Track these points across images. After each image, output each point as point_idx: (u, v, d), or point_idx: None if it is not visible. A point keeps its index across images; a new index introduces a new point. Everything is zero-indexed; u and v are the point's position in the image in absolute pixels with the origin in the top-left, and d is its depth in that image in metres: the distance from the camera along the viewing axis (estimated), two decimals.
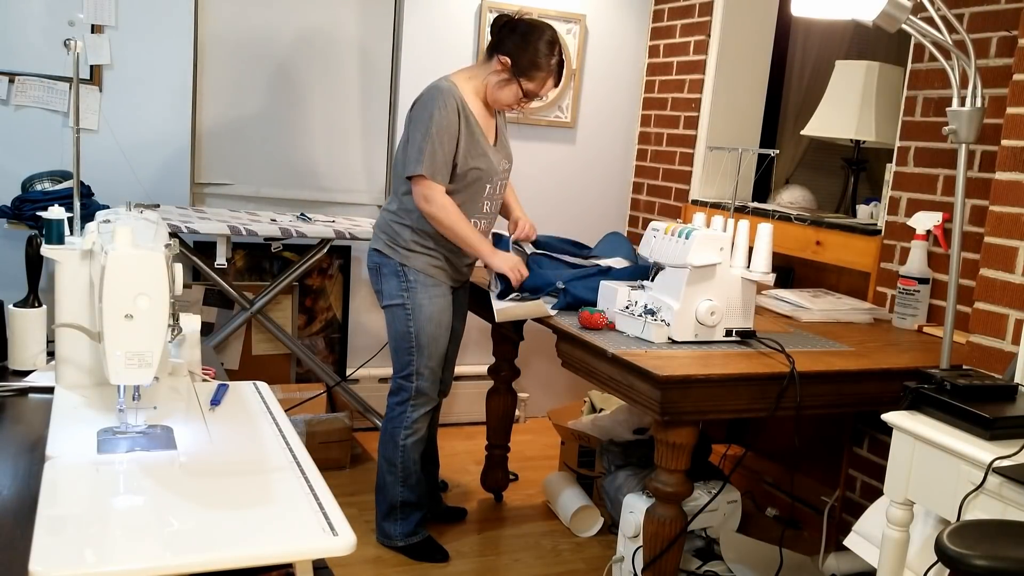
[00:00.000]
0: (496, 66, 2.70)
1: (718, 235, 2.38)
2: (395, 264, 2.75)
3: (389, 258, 2.76)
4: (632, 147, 4.37)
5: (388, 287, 2.78)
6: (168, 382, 1.64)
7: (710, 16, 3.86)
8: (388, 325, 2.82)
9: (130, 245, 1.37)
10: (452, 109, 2.62)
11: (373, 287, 2.87)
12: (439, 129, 2.60)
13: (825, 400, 2.35)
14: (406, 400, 2.81)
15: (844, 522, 3.01)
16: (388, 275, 2.77)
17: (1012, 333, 2.17)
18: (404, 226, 2.75)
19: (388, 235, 2.78)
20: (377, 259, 2.80)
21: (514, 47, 2.68)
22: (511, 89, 2.71)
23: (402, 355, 2.79)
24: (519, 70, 2.68)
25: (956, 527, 1.43)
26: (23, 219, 3.06)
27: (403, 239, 2.75)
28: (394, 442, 2.83)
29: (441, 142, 2.61)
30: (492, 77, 2.71)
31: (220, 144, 3.67)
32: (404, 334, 2.77)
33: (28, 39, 3.28)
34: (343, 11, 3.79)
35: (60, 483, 1.24)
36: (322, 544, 1.14)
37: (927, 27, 2.26)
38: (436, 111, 2.61)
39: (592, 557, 3.02)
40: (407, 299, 2.75)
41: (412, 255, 2.75)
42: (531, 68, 2.68)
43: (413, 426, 2.82)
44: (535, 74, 2.69)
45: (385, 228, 2.79)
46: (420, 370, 2.78)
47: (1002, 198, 2.20)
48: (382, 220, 2.82)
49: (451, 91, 2.65)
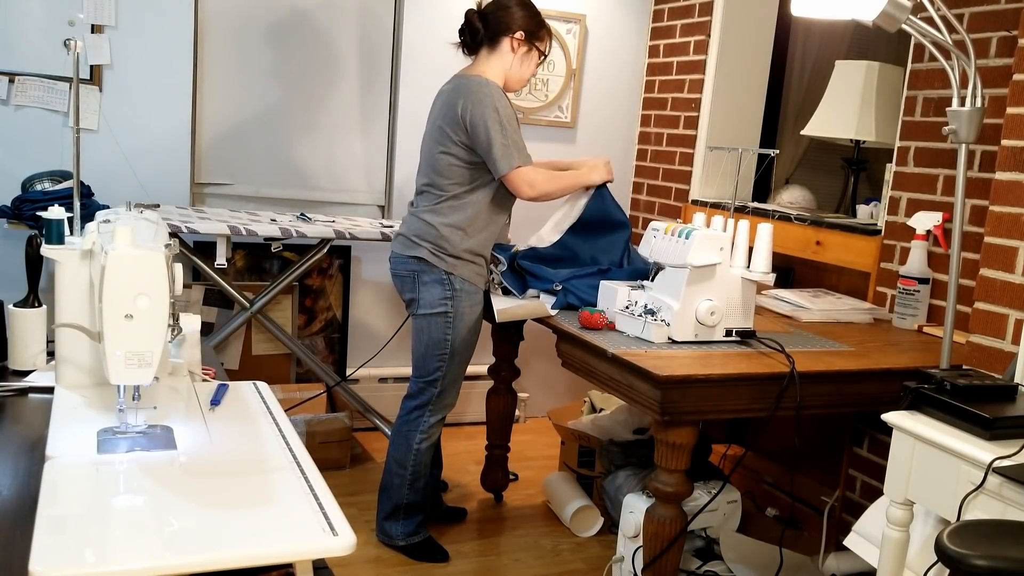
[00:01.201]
0: (512, 46, 2.76)
1: (718, 235, 2.38)
2: (440, 272, 2.71)
3: (433, 266, 2.71)
4: (632, 147, 4.37)
5: (429, 295, 2.72)
6: (168, 382, 1.64)
7: (710, 16, 3.86)
8: (420, 331, 2.76)
9: (130, 245, 1.37)
10: (505, 97, 2.71)
11: (403, 294, 2.81)
12: (508, 118, 2.66)
13: (825, 400, 2.35)
14: (425, 404, 2.81)
15: (844, 522, 3.01)
16: (430, 283, 2.72)
17: (1012, 333, 2.17)
18: (457, 232, 2.70)
19: (432, 243, 2.71)
20: (415, 267, 2.73)
21: (518, 18, 2.75)
22: (532, 58, 2.81)
23: (432, 361, 2.76)
24: (532, 36, 2.77)
25: (956, 527, 1.43)
26: (23, 219, 3.06)
27: (453, 247, 2.70)
28: (407, 445, 2.82)
29: (515, 129, 2.69)
30: (508, 58, 2.77)
31: (220, 144, 3.67)
32: (440, 342, 2.74)
33: (28, 39, 3.28)
34: (343, 11, 3.79)
35: (60, 483, 1.24)
36: (322, 544, 1.14)
37: (927, 27, 2.26)
38: (497, 103, 2.65)
39: (592, 557, 3.02)
40: (450, 307, 2.72)
41: (460, 263, 2.72)
42: (539, 28, 2.79)
43: (429, 431, 2.82)
44: (542, 32, 2.81)
45: (428, 236, 2.71)
46: (447, 377, 2.78)
47: (1002, 198, 2.20)
48: (422, 226, 2.73)
49: (495, 84, 2.71)
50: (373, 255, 3.93)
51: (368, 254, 3.93)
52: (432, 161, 2.74)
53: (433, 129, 2.76)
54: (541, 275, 2.83)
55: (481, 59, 2.80)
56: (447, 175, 2.71)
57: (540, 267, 2.85)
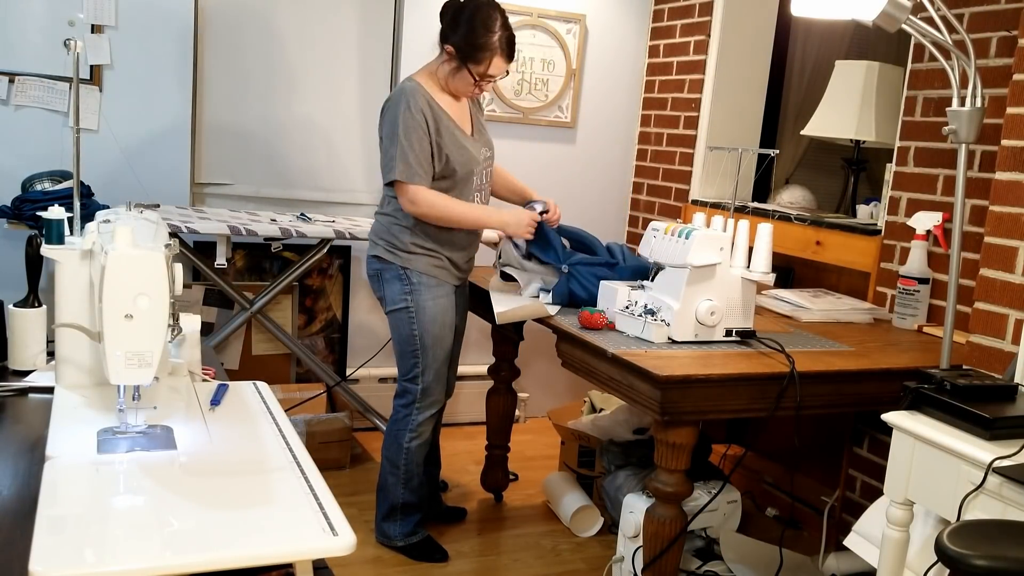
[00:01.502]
0: (444, 56, 2.68)
1: (718, 235, 2.38)
2: (397, 268, 2.74)
3: (390, 263, 2.75)
4: (632, 147, 4.37)
5: (391, 292, 2.77)
6: (168, 382, 1.64)
7: (710, 16, 3.86)
8: (392, 330, 2.80)
9: (130, 245, 1.37)
10: (417, 108, 2.60)
11: (375, 294, 2.86)
12: (407, 130, 2.58)
13: (825, 400, 2.35)
14: (411, 403, 2.81)
15: (844, 522, 3.01)
16: (390, 280, 2.76)
17: (1012, 333, 2.17)
18: (403, 228, 2.74)
19: (387, 240, 2.76)
20: (377, 265, 2.79)
21: (453, 33, 2.63)
22: (463, 76, 2.66)
23: (407, 358, 2.78)
24: (464, 55, 2.62)
25: (956, 527, 1.43)
26: (23, 219, 3.06)
27: (402, 242, 2.74)
28: (398, 444, 2.83)
29: (411, 142, 2.58)
30: (443, 68, 2.68)
31: (220, 144, 3.67)
32: (408, 337, 2.76)
33: (28, 39, 3.28)
34: (343, 11, 3.79)
35: (60, 483, 1.24)
36: (322, 544, 1.14)
37: (927, 27, 2.26)
38: (401, 113, 2.59)
39: (592, 557, 3.02)
40: (410, 302, 2.74)
41: (413, 257, 2.74)
42: (475, 51, 2.61)
43: (418, 429, 2.82)
44: (481, 56, 2.62)
45: (383, 233, 2.77)
46: (425, 371, 2.78)
47: (1002, 198, 2.20)
48: (379, 226, 2.80)
49: (415, 90, 2.63)
50: None
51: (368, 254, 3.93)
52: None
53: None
54: (555, 247, 2.78)
55: (435, 57, 2.75)
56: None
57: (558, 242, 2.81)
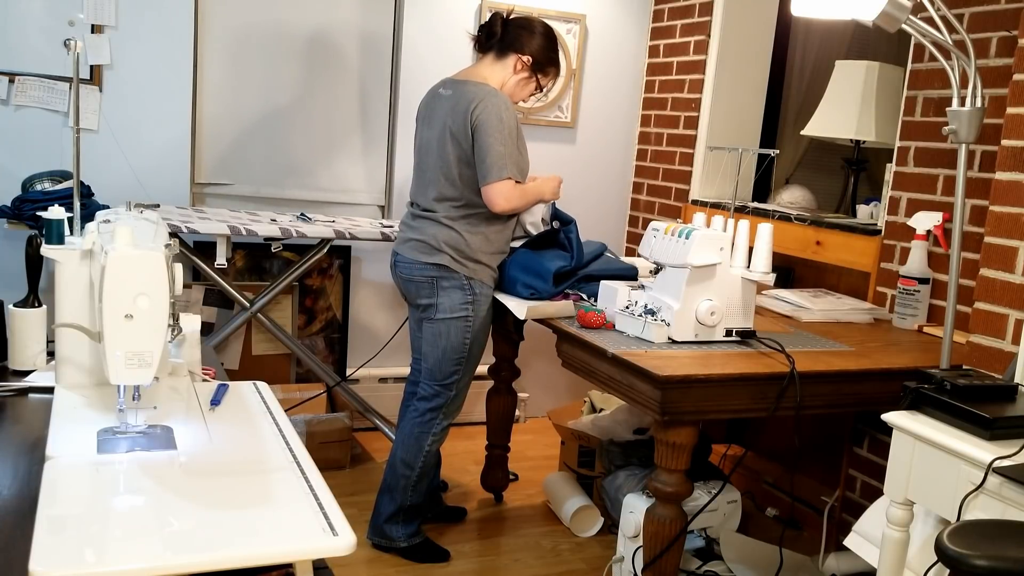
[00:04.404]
0: (516, 66, 2.78)
1: (718, 235, 2.38)
2: (461, 278, 2.72)
3: (454, 272, 2.71)
4: (632, 147, 4.37)
5: (449, 300, 2.73)
6: (168, 382, 1.64)
7: (710, 16, 3.86)
8: (438, 335, 2.76)
9: (130, 245, 1.37)
10: (511, 113, 2.70)
11: (419, 299, 2.78)
12: (511, 131, 2.67)
13: (825, 400, 2.35)
14: (440, 408, 2.82)
15: (844, 522, 3.01)
16: (451, 288, 2.73)
17: (1012, 333, 2.17)
18: (481, 236, 2.73)
19: (455, 248, 2.71)
20: (435, 272, 2.72)
21: (535, 44, 2.78)
22: (530, 86, 2.85)
23: (449, 365, 2.78)
24: (539, 67, 2.82)
25: (956, 527, 1.43)
26: (23, 219, 3.06)
27: (472, 250, 2.72)
28: (419, 446, 2.83)
29: (514, 144, 2.69)
30: (513, 77, 2.79)
31: (220, 144, 3.67)
32: (459, 345, 2.76)
33: (28, 39, 3.28)
34: (343, 11, 3.79)
35: (60, 483, 1.24)
36: (322, 544, 1.14)
37: (927, 27, 2.26)
38: (503, 113, 2.66)
39: (592, 557, 3.02)
40: (470, 312, 2.74)
41: (480, 267, 2.74)
42: (548, 64, 2.84)
43: (440, 433, 2.86)
44: (549, 69, 2.86)
45: (451, 241, 2.71)
46: (463, 380, 2.81)
47: (1002, 198, 2.20)
48: (445, 233, 2.72)
49: (504, 95, 2.72)
50: (373, 255, 3.94)
51: (368, 254, 3.93)
52: (447, 171, 2.72)
53: (441, 136, 2.73)
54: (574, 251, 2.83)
55: (484, 64, 2.81)
56: (467, 183, 2.71)
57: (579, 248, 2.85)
